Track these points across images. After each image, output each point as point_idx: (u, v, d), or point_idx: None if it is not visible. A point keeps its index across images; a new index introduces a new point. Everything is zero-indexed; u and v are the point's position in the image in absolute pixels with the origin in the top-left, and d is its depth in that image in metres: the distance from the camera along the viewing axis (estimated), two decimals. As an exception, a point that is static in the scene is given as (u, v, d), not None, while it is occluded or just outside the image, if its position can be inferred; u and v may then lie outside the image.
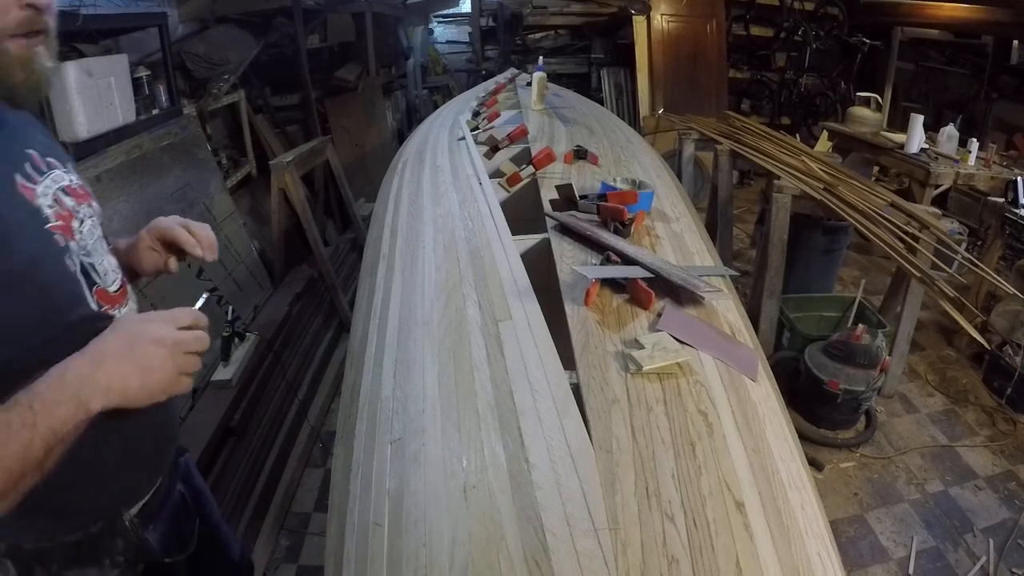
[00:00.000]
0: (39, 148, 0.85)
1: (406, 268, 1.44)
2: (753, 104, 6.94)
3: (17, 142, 0.82)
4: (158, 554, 1.03)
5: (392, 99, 5.99)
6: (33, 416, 0.70)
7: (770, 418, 0.98)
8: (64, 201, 0.85)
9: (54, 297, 0.80)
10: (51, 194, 0.83)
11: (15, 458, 0.69)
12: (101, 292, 0.88)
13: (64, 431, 0.72)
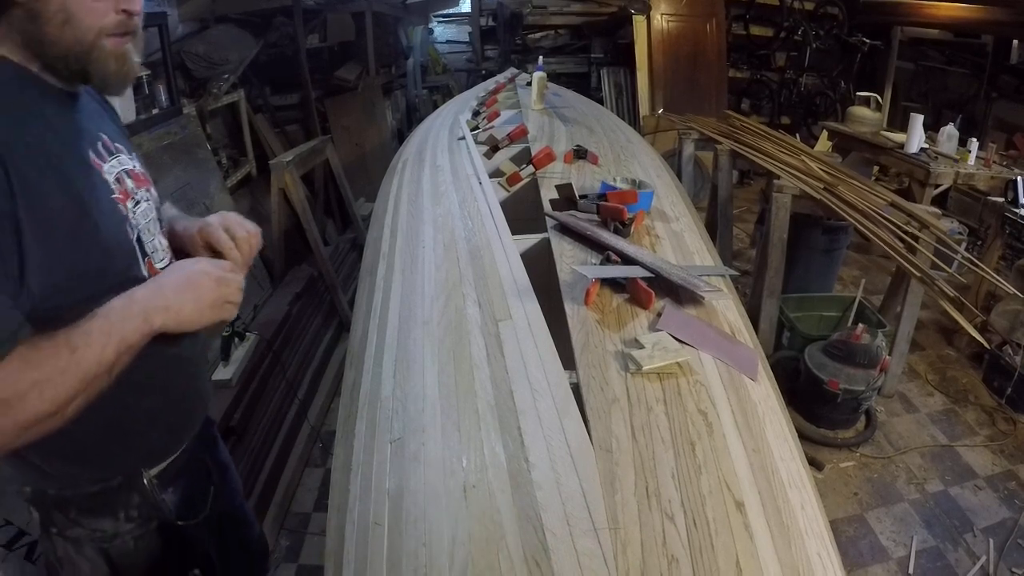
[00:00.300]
0: (110, 133, 0.99)
1: (406, 268, 1.44)
2: (753, 104, 6.94)
3: (94, 123, 0.96)
4: (171, 516, 1.10)
5: (392, 99, 5.99)
6: (109, 326, 0.83)
7: (770, 418, 0.98)
8: (125, 182, 0.97)
9: (114, 256, 0.91)
10: (115, 173, 0.95)
11: (93, 361, 0.80)
12: (150, 264, 0.99)
13: (132, 341, 0.85)
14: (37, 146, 0.82)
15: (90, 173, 0.90)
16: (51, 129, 0.87)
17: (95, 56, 0.86)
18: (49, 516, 1.05)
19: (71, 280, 0.85)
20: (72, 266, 0.85)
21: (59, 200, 0.83)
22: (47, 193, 0.81)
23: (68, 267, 0.84)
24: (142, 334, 0.86)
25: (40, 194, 0.80)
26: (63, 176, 0.85)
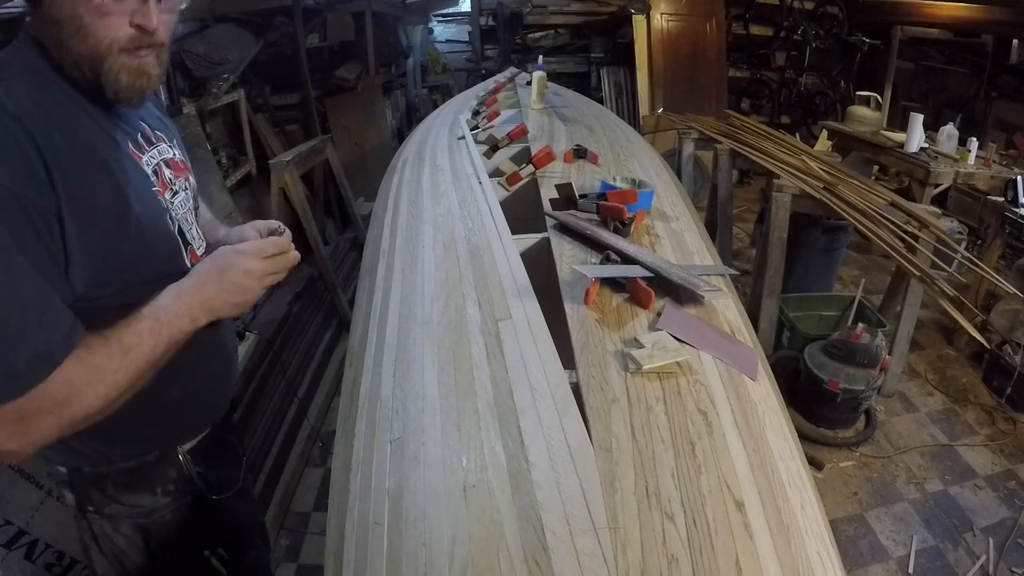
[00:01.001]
0: (150, 122, 1.01)
1: (406, 267, 1.44)
2: (753, 103, 6.94)
3: (133, 113, 0.98)
4: (205, 490, 1.15)
5: (392, 98, 5.99)
6: (159, 327, 0.86)
7: (770, 417, 0.98)
8: (163, 172, 0.99)
9: (156, 249, 0.94)
10: (153, 165, 0.98)
11: (144, 360, 0.84)
12: (193, 253, 1.03)
13: (179, 339, 0.89)
14: (77, 140, 0.84)
15: (129, 166, 0.92)
16: (91, 122, 0.88)
17: (106, 68, 0.85)
18: (86, 495, 1.06)
19: (112, 273, 0.87)
20: (113, 259, 0.86)
21: (100, 194, 0.84)
22: (88, 187, 0.83)
23: (109, 260, 0.86)
24: (187, 333, 0.91)
25: (81, 188, 0.81)
26: (103, 169, 0.86)
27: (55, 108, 0.83)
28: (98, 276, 0.85)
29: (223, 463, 1.23)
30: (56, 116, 0.82)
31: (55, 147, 0.79)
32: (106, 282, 0.86)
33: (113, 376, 0.82)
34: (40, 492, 1.70)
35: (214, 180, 3.04)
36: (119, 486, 1.06)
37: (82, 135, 0.85)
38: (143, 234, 0.90)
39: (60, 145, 0.80)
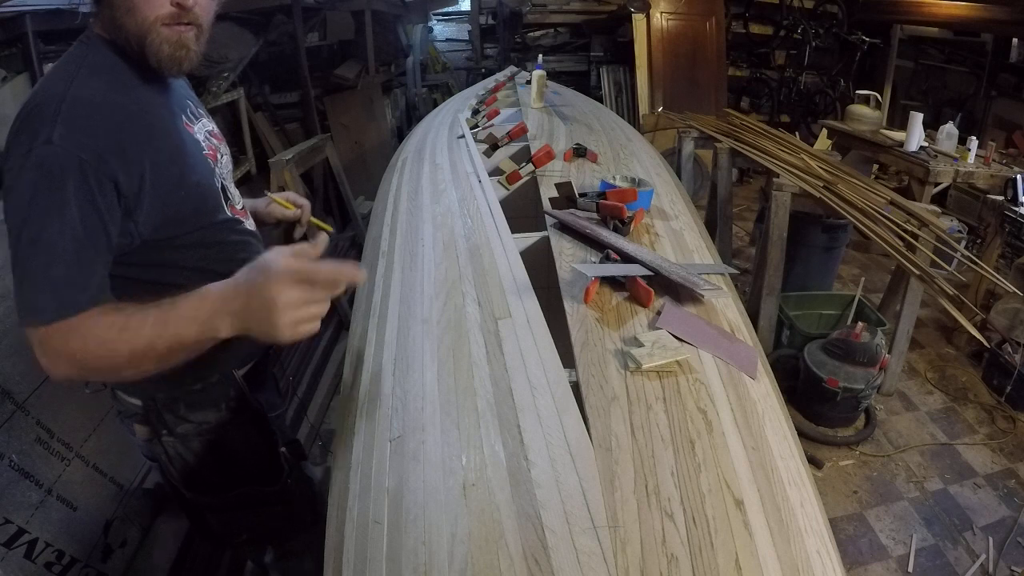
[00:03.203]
0: (193, 102, 1.22)
1: (405, 266, 1.44)
2: (752, 102, 6.94)
3: (182, 91, 1.20)
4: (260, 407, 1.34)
5: (391, 97, 5.98)
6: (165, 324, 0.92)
7: (769, 416, 0.98)
8: (211, 140, 1.20)
9: (208, 200, 1.14)
10: (203, 134, 1.19)
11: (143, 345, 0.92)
12: (232, 207, 1.22)
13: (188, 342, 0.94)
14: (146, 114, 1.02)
15: (186, 135, 1.11)
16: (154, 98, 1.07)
17: (150, 40, 0.99)
18: (161, 420, 1.22)
19: (173, 220, 1.06)
20: (174, 210, 1.05)
21: (162, 156, 1.02)
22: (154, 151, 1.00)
23: (171, 211, 1.05)
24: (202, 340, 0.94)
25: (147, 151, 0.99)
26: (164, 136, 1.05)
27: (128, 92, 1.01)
28: (162, 223, 1.03)
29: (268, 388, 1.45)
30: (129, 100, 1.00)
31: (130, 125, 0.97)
32: (168, 227, 1.05)
33: (109, 345, 0.91)
34: (40, 491, 1.70)
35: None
36: (189, 406, 1.23)
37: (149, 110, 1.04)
38: (197, 189, 1.10)
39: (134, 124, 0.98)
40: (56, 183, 0.89)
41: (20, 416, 1.68)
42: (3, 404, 1.64)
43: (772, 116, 6.63)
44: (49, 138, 0.89)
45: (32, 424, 1.71)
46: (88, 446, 1.88)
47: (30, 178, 0.89)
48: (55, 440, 1.77)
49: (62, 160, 0.89)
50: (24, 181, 0.89)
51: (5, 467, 1.60)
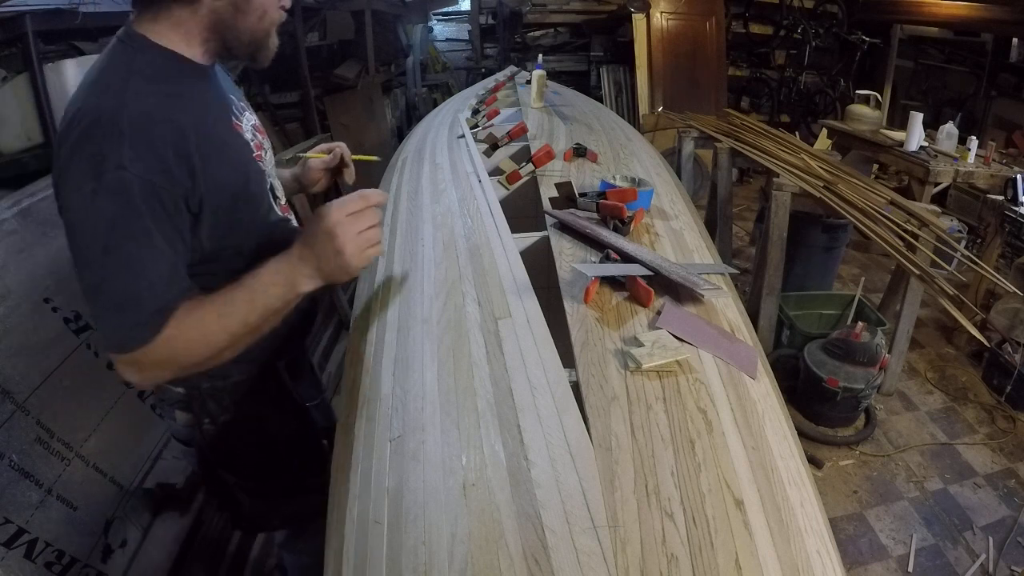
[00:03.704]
0: (235, 94, 1.18)
1: (405, 266, 1.44)
2: (752, 102, 6.94)
3: (226, 87, 1.15)
4: (300, 398, 1.39)
5: (391, 97, 5.98)
6: (253, 295, 1.00)
7: (769, 416, 0.98)
8: (256, 137, 1.18)
9: (262, 206, 1.16)
10: (249, 129, 1.15)
11: (238, 323, 0.99)
12: (281, 206, 1.24)
13: (278, 306, 1.03)
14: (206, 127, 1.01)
15: (237, 139, 1.10)
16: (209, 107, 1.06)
17: (268, 41, 1.08)
18: (204, 408, 1.25)
19: (232, 231, 1.07)
20: (234, 221, 1.07)
21: (224, 171, 1.03)
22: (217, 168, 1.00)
23: (231, 222, 1.06)
24: (288, 299, 1.03)
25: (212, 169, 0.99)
26: (225, 151, 1.05)
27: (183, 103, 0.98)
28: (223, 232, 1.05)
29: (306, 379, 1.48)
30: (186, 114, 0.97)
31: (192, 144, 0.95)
32: (227, 239, 1.07)
33: (211, 338, 0.98)
34: (40, 491, 1.70)
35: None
36: (233, 396, 1.26)
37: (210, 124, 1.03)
38: (253, 198, 1.12)
39: (196, 141, 0.96)
40: (136, 210, 0.89)
41: (20, 416, 1.68)
42: (3, 404, 1.64)
43: (772, 116, 6.63)
44: (120, 163, 0.88)
45: (32, 424, 1.71)
46: (88, 446, 1.88)
47: (107, 205, 0.88)
48: (55, 440, 1.77)
49: (139, 186, 0.89)
50: (100, 207, 0.88)
51: (5, 467, 1.60)
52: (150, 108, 0.92)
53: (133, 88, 0.93)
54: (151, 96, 0.94)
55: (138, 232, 0.90)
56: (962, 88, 5.78)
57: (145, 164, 0.89)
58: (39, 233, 1.92)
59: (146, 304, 0.92)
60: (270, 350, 1.27)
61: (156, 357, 0.94)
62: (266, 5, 1.04)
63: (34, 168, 2.14)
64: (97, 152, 0.88)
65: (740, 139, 3.62)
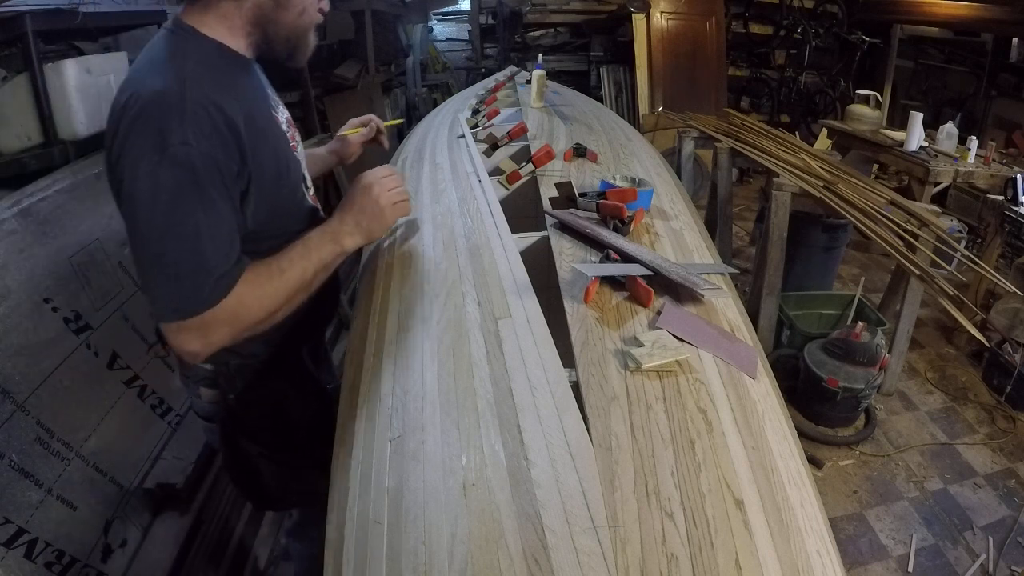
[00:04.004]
0: (270, 89, 1.28)
1: (405, 265, 1.44)
2: (752, 102, 6.94)
3: (262, 82, 1.26)
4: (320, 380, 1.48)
5: (391, 96, 5.98)
6: (308, 251, 1.15)
7: (769, 416, 0.98)
8: (290, 128, 1.27)
9: (297, 192, 1.26)
10: (283, 121, 1.25)
11: (297, 279, 1.12)
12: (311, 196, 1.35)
13: (328, 261, 1.18)
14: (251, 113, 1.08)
15: (276, 129, 1.19)
16: (254, 97, 1.15)
17: (305, 39, 1.19)
18: (231, 384, 1.31)
19: (272, 214, 1.16)
20: (272, 202, 1.15)
21: (267, 155, 1.11)
22: (261, 151, 1.09)
23: (269, 203, 1.14)
24: (335, 256, 1.20)
25: (257, 152, 1.07)
26: (266, 135, 1.13)
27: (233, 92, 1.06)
28: (264, 215, 1.13)
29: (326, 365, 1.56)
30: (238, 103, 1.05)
31: (242, 129, 1.03)
32: (267, 221, 1.15)
33: (273, 293, 1.09)
34: (40, 491, 1.70)
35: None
36: (258, 374, 1.33)
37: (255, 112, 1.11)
38: (291, 184, 1.22)
39: (245, 127, 1.03)
40: (200, 182, 0.96)
41: (20, 416, 1.68)
42: (3, 404, 1.64)
43: (772, 116, 6.63)
44: (185, 139, 0.94)
45: (32, 424, 1.71)
46: (88, 446, 1.88)
47: (171, 177, 0.94)
48: (55, 440, 1.77)
49: (202, 161, 0.96)
50: (164, 180, 0.94)
51: (5, 467, 1.61)
52: (207, 91, 0.99)
53: (190, 72, 0.99)
54: (206, 81, 1.00)
55: (203, 201, 0.97)
56: (962, 88, 5.78)
57: (208, 141, 0.97)
58: (39, 233, 1.92)
59: (214, 268, 0.99)
60: (295, 334, 1.35)
61: (223, 318, 1.02)
62: (305, 3, 1.14)
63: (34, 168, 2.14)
64: (160, 128, 0.93)
65: (740, 139, 3.62)
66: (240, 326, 1.06)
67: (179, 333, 1.02)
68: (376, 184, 1.24)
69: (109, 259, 2.18)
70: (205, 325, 1.01)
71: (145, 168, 0.94)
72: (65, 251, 1.99)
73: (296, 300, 1.14)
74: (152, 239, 0.96)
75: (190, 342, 1.03)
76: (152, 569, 1.92)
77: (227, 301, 1.02)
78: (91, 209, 2.18)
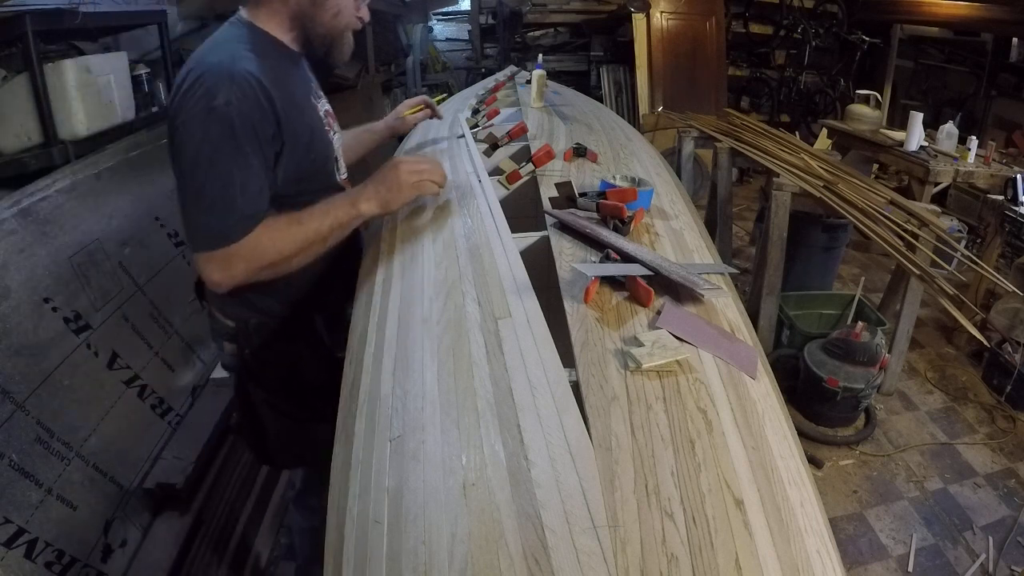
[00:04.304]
0: (314, 84, 1.49)
1: (405, 265, 1.44)
2: (752, 102, 6.94)
3: (308, 75, 1.47)
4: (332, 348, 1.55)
5: (391, 96, 5.98)
6: (328, 208, 1.30)
7: (769, 416, 0.98)
8: (328, 118, 1.48)
9: (327, 166, 1.45)
10: (323, 111, 1.45)
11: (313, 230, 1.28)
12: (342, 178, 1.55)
13: (344, 220, 1.32)
14: (290, 92, 1.27)
15: (314, 111, 1.39)
16: (294, 80, 1.35)
17: (341, 39, 1.38)
18: (248, 340, 1.47)
19: (299, 177, 1.32)
20: (301, 169, 1.31)
21: (300, 126, 1.29)
22: (294, 122, 1.26)
23: (299, 169, 1.31)
24: (351, 217, 1.32)
25: (291, 122, 1.25)
26: (302, 111, 1.32)
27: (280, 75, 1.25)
28: (291, 179, 1.30)
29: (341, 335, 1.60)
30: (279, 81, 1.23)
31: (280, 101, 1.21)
32: (295, 183, 1.31)
33: (289, 239, 1.24)
34: (40, 490, 1.70)
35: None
36: (274, 333, 1.47)
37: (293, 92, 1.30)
38: (319, 155, 1.39)
39: (282, 100, 1.22)
40: (237, 137, 1.14)
41: (20, 416, 1.68)
42: (3, 404, 1.64)
43: (772, 116, 6.63)
44: (229, 100, 1.13)
45: (32, 424, 1.71)
46: (88, 446, 1.88)
47: (214, 129, 1.13)
48: (55, 440, 1.77)
49: (241, 120, 1.14)
50: (208, 131, 1.13)
51: (5, 467, 1.61)
52: (253, 69, 1.18)
53: (240, 53, 1.20)
54: (253, 62, 1.19)
55: (239, 153, 1.16)
56: (962, 88, 5.78)
57: (247, 105, 1.15)
58: (39, 233, 1.92)
59: (241, 208, 1.17)
60: (310, 300, 1.50)
61: (242, 253, 1.19)
62: (341, 4, 1.32)
63: (34, 168, 2.14)
64: (210, 91, 1.13)
65: (740, 139, 3.62)
66: (257, 264, 1.22)
67: (207, 263, 1.20)
68: (403, 162, 1.36)
69: (109, 259, 2.18)
70: (228, 257, 1.19)
71: (194, 122, 1.13)
72: (65, 251, 2.00)
73: (311, 251, 1.29)
74: (194, 178, 1.16)
75: (214, 272, 1.20)
76: (152, 569, 1.92)
77: (248, 239, 1.19)
78: (91, 209, 2.18)
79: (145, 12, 2.86)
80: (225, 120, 1.13)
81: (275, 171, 1.26)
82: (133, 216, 2.39)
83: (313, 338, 1.54)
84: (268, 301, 1.44)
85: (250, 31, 1.29)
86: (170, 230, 2.59)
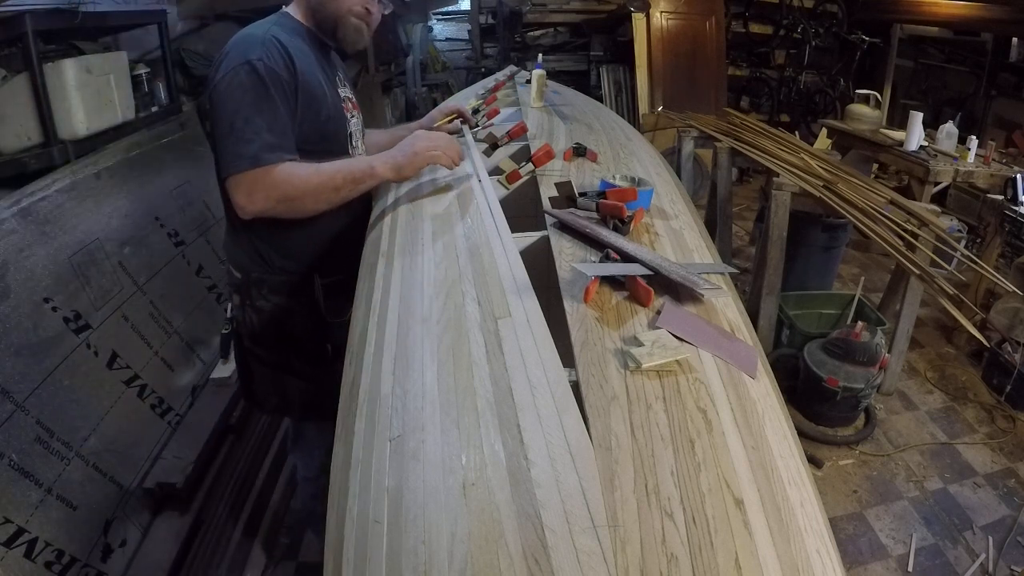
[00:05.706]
0: (342, 73, 1.72)
1: (405, 265, 1.44)
2: (752, 101, 6.94)
3: (335, 64, 1.70)
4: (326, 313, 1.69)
5: (391, 96, 5.98)
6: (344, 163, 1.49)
7: (769, 415, 0.98)
8: (348, 103, 1.69)
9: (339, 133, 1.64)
10: (344, 95, 1.68)
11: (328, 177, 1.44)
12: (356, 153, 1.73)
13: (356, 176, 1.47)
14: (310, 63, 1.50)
15: (333, 89, 1.59)
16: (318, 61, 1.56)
17: (342, 24, 1.53)
18: (248, 292, 1.63)
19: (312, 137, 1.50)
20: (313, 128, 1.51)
21: (316, 90, 1.49)
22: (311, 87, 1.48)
23: (311, 128, 1.50)
24: (364, 172, 1.48)
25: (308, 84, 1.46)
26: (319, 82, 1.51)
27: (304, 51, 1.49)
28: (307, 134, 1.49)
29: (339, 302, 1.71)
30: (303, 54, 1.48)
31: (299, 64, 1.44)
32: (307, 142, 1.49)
33: (306, 179, 1.40)
34: (40, 490, 1.70)
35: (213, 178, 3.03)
36: (272, 288, 1.63)
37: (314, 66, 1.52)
38: (332, 121, 1.58)
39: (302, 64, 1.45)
40: (266, 87, 1.36)
41: (20, 416, 1.68)
42: (3, 404, 1.64)
43: (772, 116, 6.63)
44: (260, 57, 1.36)
45: (32, 424, 1.71)
46: (88, 446, 1.88)
47: (247, 80, 1.34)
48: (55, 440, 1.78)
49: (270, 73, 1.36)
50: (241, 81, 1.34)
51: (5, 466, 1.61)
52: (283, 40, 1.42)
53: (273, 31, 1.43)
54: (283, 37, 1.43)
55: (267, 98, 1.37)
56: (962, 88, 5.78)
57: (275, 62, 1.38)
58: (39, 233, 1.92)
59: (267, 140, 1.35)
60: (312, 264, 1.64)
61: (267, 181, 1.35)
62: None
63: (34, 168, 2.14)
64: (244, 52, 1.36)
65: (740, 139, 3.62)
66: (276, 195, 1.37)
67: (235, 187, 1.37)
68: (421, 135, 1.55)
69: (109, 259, 2.18)
70: (253, 182, 1.35)
71: (231, 74, 1.35)
72: (65, 251, 2.00)
73: (323, 198, 1.44)
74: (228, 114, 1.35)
75: (240, 195, 1.37)
76: (152, 569, 1.92)
77: (272, 170, 1.35)
78: (91, 209, 2.18)
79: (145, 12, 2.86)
80: (256, 71, 1.35)
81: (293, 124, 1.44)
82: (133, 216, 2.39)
83: (309, 299, 1.66)
84: (274, 256, 1.60)
85: (287, 18, 1.55)
86: (170, 230, 2.59)
